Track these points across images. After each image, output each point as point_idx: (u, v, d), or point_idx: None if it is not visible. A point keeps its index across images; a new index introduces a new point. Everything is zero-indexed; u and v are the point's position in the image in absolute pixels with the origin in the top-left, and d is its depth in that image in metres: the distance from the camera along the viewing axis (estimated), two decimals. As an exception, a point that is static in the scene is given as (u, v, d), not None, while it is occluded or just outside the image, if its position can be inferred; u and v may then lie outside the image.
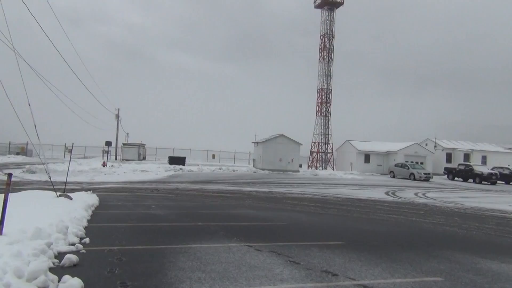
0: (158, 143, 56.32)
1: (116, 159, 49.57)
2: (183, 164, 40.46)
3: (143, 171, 32.69)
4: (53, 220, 7.15)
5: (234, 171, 38.08)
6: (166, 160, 44.00)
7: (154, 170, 33.58)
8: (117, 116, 51.67)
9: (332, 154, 51.20)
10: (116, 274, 5.12)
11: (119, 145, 52.22)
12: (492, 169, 41.09)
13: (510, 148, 55.31)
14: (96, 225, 8.75)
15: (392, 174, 42.04)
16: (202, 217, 10.73)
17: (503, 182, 40.35)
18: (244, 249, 6.80)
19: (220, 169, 38.25)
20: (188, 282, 4.85)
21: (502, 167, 42.23)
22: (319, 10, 51.47)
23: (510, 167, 42.51)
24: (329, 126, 50.45)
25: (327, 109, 50.28)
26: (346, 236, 8.73)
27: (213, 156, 54.60)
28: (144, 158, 51.68)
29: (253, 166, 43.66)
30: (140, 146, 50.85)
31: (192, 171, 35.78)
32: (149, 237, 7.81)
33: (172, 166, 37.58)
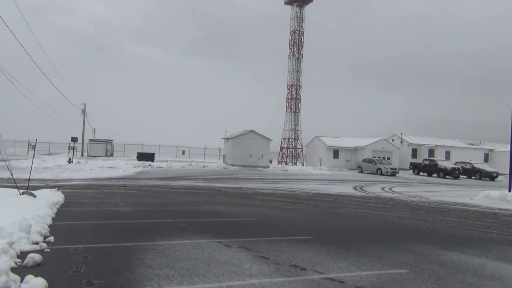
0: (126, 139, 55.38)
1: (82, 155, 48.42)
2: (152, 160, 39.95)
3: (110, 167, 32.08)
4: (15, 219, 6.91)
5: (204, 167, 37.89)
6: (135, 156, 43.34)
7: (122, 167, 33.02)
8: (84, 111, 50.49)
9: (302, 150, 51.70)
10: (82, 272, 5.00)
11: (86, 141, 51.04)
12: (455, 164, 42.51)
13: (472, 144, 57.34)
14: (61, 223, 8.53)
15: (360, 169, 42.86)
16: (171, 213, 10.63)
17: (465, 177, 41.81)
18: (213, 245, 6.78)
19: (190, 165, 37.99)
20: (157, 280, 4.80)
21: (464, 162, 43.75)
22: (289, 7, 51.72)
23: (472, 162, 44.06)
24: (299, 122, 50.92)
25: (297, 105, 50.69)
26: (315, 231, 8.84)
27: (183, 152, 54.12)
28: (111, 155, 50.68)
29: (223, 162, 43.58)
30: (108, 142, 49.82)
31: (161, 167, 35.36)
32: (117, 234, 7.68)
33: (140, 163, 37.04)
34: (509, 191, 20.20)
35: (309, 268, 5.53)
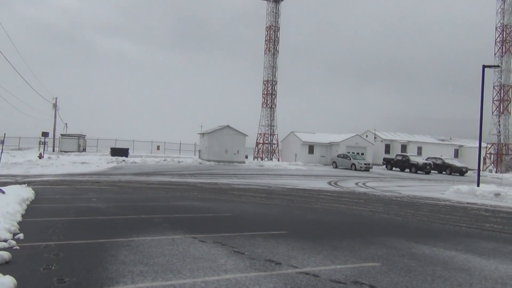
0: (100, 134, 54.47)
1: (54, 150, 47.28)
2: (126, 156, 39.38)
3: (83, 163, 31.47)
4: (-18, 216, 6.70)
5: (179, 162, 37.60)
6: (108, 151, 42.61)
7: (95, 162, 32.44)
8: (55, 105, 49.26)
9: (278, 145, 51.89)
10: (53, 270, 4.89)
11: (57, 136, 49.85)
12: (426, 159, 43.51)
13: (443, 140, 58.81)
14: (31, 219, 8.32)
15: (335, 165, 43.35)
16: (145, 209, 10.51)
17: (436, 172, 42.84)
18: (188, 240, 6.74)
19: (164, 160, 37.63)
20: (130, 276, 4.74)
21: (435, 158, 44.82)
22: (265, 2, 51.64)
23: (442, 157, 45.17)
24: (275, 117, 51.05)
25: (273, 101, 50.80)
26: (290, 226, 8.90)
27: (158, 148, 53.52)
28: (84, 150, 49.68)
29: (199, 157, 43.34)
30: (80, 137, 48.81)
31: (135, 162, 34.91)
32: (89, 231, 7.54)
33: (114, 158, 36.45)
34: (478, 185, 20.81)
35: (284, 263, 5.57)
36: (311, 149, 49.62)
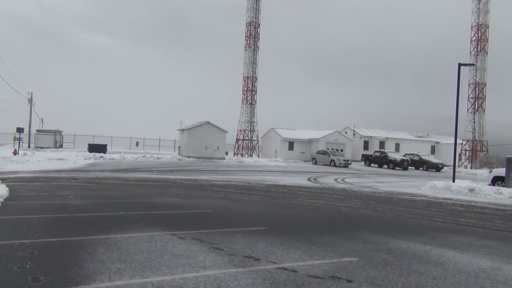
0: (77, 130, 53.49)
1: (29, 146, 46.27)
2: (104, 152, 38.83)
3: (60, 159, 30.89)
4: (-47, 214, 6.51)
5: (158, 158, 37.28)
6: (86, 148, 41.96)
7: (72, 159, 31.89)
8: (30, 100, 48.19)
9: (258, 142, 51.95)
10: (27, 268, 4.79)
11: (33, 132, 48.78)
12: (404, 155, 44.25)
13: (420, 136, 59.85)
14: (5, 217, 8.13)
15: (314, 161, 43.67)
16: (123, 206, 10.39)
17: (414, 168, 43.63)
18: (167, 237, 6.70)
19: (143, 157, 37.25)
20: (107, 274, 4.68)
21: (412, 154, 45.63)
22: (245, -2, 51.49)
23: (419, 154, 46.00)
24: (255, 114, 51.05)
25: (253, 97, 50.79)
26: (269, 222, 8.93)
27: (137, 144, 52.96)
28: (61, 146, 48.76)
29: (179, 153, 43.06)
30: (57, 133, 47.88)
31: (113, 159, 34.45)
32: (66, 228, 7.41)
33: (92, 154, 35.89)
34: (453, 181, 21.27)
35: (263, 259, 5.58)
36: (291, 145, 49.85)
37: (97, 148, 39.79)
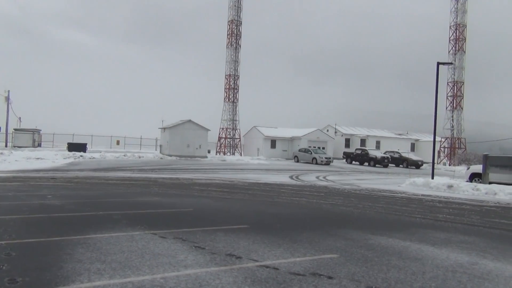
0: (56, 129, 52.59)
1: (6, 146, 45.24)
2: (84, 151, 38.22)
3: (38, 158, 30.30)
4: None
5: (140, 157, 36.92)
6: (65, 146, 41.22)
7: (51, 158, 31.33)
8: (7, 98, 47.11)
9: (240, 140, 51.92)
10: (4, 270, 4.69)
11: (10, 130, 47.71)
12: (384, 153, 44.82)
13: (400, 134, 60.68)
14: (-19, 218, 7.94)
15: (296, 159, 43.87)
16: (104, 206, 10.26)
17: (394, 165, 44.20)
18: (148, 237, 6.64)
19: (124, 155, 36.83)
20: (86, 274, 4.62)
21: (393, 151, 46.25)
22: (227, -4, 51.33)
23: (399, 151, 46.65)
24: (237, 112, 50.97)
25: (235, 95, 50.69)
26: (251, 220, 8.94)
27: (118, 142, 52.28)
28: (39, 145, 47.81)
29: (160, 152, 42.72)
30: (35, 132, 46.91)
31: (94, 158, 33.97)
32: (44, 229, 7.28)
33: (71, 153, 35.30)
34: (432, 178, 21.64)
35: (244, 257, 5.59)
36: (273, 143, 49.96)
37: (76, 147, 39.13)
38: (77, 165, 27.09)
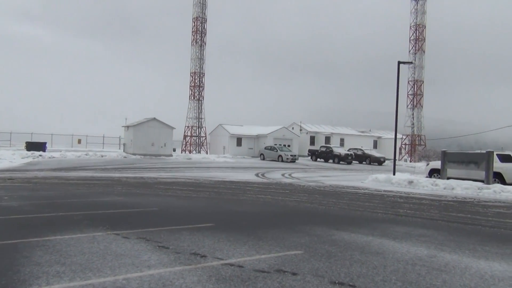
0: (13, 127, 50.51)
1: (-41, 145, 43.16)
2: (44, 150, 36.98)
3: (-6, 158, 29.05)
4: None
5: (102, 156, 36.08)
6: (23, 146, 39.72)
7: (8, 157, 30.11)
8: (-40, 96, 44.95)
9: (206, 138, 51.61)
10: (-45, 276, 4.47)
11: (-37, 129, 45.53)
12: (348, 150, 45.69)
13: (363, 132, 62.02)
14: None
15: (262, 157, 44.05)
16: (64, 206, 9.96)
17: (357, 162, 45.14)
18: (110, 237, 6.50)
19: (86, 155, 35.91)
20: (45, 278, 4.47)
21: (356, 148, 47.21)
22: (191, -8, 50.80)
23: (363, 148, 47.66)
24: (203, 110, 50.63)
25: (200, 93, 50.33)
26: (216, 218, 8.90)
27: (79, 141, 50.88)
28: (-5, 144, 45.89)
29: (124, 151, 41.88)
30: (-10, 130, 44.98)
31: (54, 157, 32.93)
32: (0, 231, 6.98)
33: (30, 153, 34.08)
34: (394, 174, 22.24)
35: (209, 255, 5.56)
36: (239, 141, 49.97)
37: (35, 146, 37.79)
38: (36, 165, 26.18)
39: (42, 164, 27.41)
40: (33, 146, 37.80)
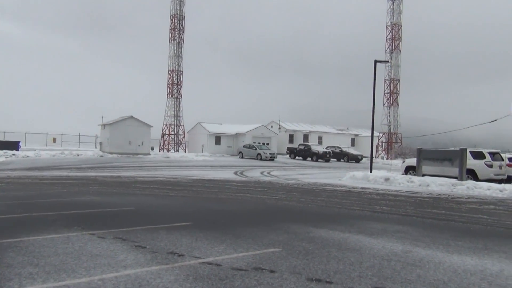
0: (-15, 126, 49.03)
1: None
2: (17, 149, 36.09)
3: (-36, 158, 28.22)
4: None
5: (78, 155, 35.45)
6: (-5, 145, 38.69)
7: (-20, 157, 29.29)
8: None
9: (184, 137, 51.25)
10: None
11: None
12: (326, 148, 46.07)
13: (341, 130, 62.66)
14: None
15: (241, 155, 44.03)
16: (38, 206, 9.73)
17: (335, 160, 45.57)
18: (85, 237, 6.38)
19: (62, 153, 35.22)
20: (17, 279, 4.35)
21: (334, 146, 47.65)
22: (169, -11, 50.29)
23: (340, 146, 48.15)
24: (181, 108, 50.25)
25: (178, 91, 49.93)
26: (194, 217, 8.86)
27: (54, 140, 49.80)
28: (-34, 143, 44.52)
29: (100, 150, 41.24)
30: (-39, 129, 43.63)
31: (27, 156, 32.18)
32: (-30, 233, 6.77)
33: (2, 152, 33.19)
34: (371, 171, 22.54)
35: (186, 254, 5.52)
36: (218, 139, 49.82)
37: (8, 145, 36.83)
38: (9, 164, 25.54)
39: (15, 163, 26.75)
40: (5, 145, 36.84)
